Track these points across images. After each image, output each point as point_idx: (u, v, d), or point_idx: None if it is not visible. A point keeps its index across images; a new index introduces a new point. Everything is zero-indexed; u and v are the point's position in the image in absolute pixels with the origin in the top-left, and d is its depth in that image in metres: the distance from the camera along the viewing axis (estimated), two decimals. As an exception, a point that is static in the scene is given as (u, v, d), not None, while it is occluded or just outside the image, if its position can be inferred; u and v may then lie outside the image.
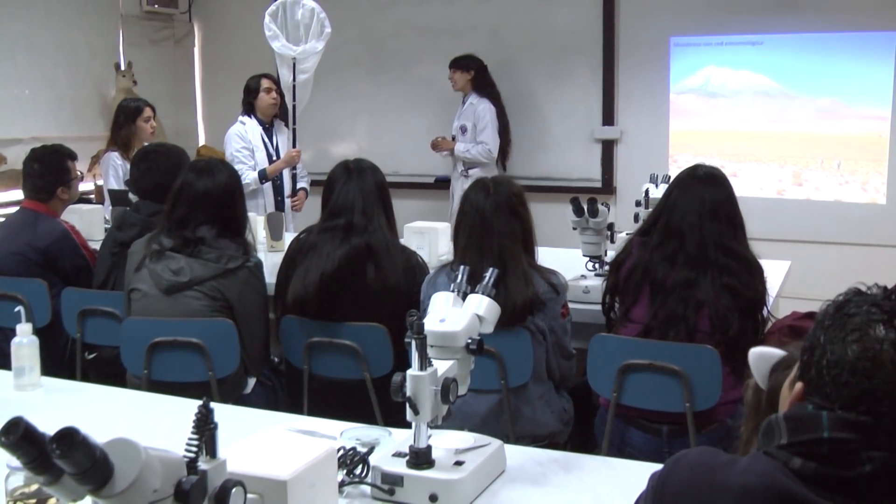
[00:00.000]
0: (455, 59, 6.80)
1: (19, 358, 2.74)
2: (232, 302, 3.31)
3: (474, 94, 6.78)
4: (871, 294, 1.33)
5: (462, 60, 6.78)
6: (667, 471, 1.45)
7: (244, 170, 5.73)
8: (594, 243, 3.78)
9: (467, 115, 6.79)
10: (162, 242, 3.33)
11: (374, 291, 3.30)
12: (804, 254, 5.67)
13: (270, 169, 5.92)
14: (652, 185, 4.11)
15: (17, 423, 1.23)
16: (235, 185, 3.47)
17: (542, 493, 2.05)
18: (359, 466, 2.06)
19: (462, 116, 6.82)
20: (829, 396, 1.29)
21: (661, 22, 6.86)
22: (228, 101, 8.24)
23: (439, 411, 2.01)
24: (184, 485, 1.33)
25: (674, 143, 6.96)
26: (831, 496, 1.26)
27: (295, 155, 5.99)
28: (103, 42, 7.35)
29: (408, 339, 2.00)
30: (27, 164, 4.21)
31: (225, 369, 3.28)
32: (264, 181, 5.91)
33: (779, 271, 4.07)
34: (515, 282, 2.99)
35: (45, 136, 5.57)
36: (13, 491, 1.80)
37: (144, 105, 5.92)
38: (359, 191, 3.38)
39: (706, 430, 2.99)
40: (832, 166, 6.59)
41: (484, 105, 6.73)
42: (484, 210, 3.06)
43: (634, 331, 3.06)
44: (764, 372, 1.66)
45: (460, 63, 6.77)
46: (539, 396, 3.13)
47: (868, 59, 6.33)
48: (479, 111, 6.72)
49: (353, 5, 7.71)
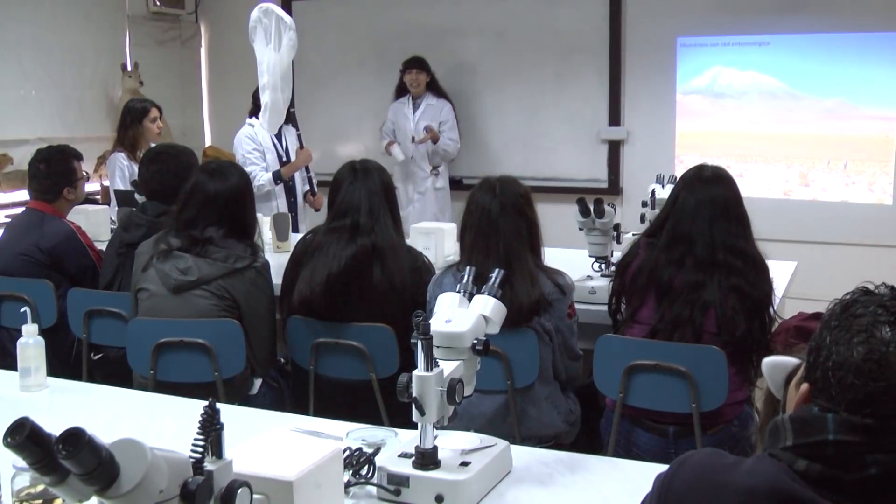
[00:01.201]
0: (418, 59, 6.85)
1: (25, 358, 2.75)
2: (239, 301, 3.32)
3: (430, 95, 6.92)
4: (878, 294, 1.33)
5: (423, 62, 6.86)
6: (672, 472, 1.45)
7: (257, 171, 5.74)
8: (600, 244, 3.77)
9: (428, 115, 6.90)
10: (170, 242, 3.33)
11: (381, 292, 3.30)
12: (810, 254, 5.65)
13: (286, 170, 5.93)
14: (658, 185, 4.10)
15: (23, 424, 1.24)
16: (246, 188, 3.48)
17: (548, 493, 2.05)
18: (365, 467, 2.06)
19: (423, 118, 6.90)
20: (835, 398, 1.28)
21: (667, 22, 6.85)
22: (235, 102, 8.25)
23: (445, 412, 2.01)
24: (190, 485, 1.33)
25: (680, 143, 6.95)
26: (836, 498, 1.26)
27: (308, 155, 6.02)
28: (109, 43, 7.36)
29: (414, 340, 2.00)
30: (33, 165, 4.22)
31: (231, 370, 3.29)
32: (279, 182, 5.92)
33: (785, 272, 4.06)
34: (521, 282, 2.99)
35: (51, 137, 5.58)
36: (19, 491, 1.80)
37: (151, 106, 5.93)
38: (365, 191, 3.38)
39: (712, 431, 2.98)
40: (839, 167, 6.57)
41: (447, 106, 6.96)
42: (490, 210, 3.06)
43: (641, 332, 3.06)
44: (779, 381, 1.65)
45: (424, 64, 6.85)
46: (545, 397, 3.12)
47: (875, 60, 6.31)
48: (446, 112, 6.94)
49: (360, 6, 7.71)
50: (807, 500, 1.27)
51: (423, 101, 6.92)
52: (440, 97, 6.95)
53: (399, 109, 7.00)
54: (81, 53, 7.09)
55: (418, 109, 6.92)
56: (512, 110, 7.32)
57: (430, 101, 6.92)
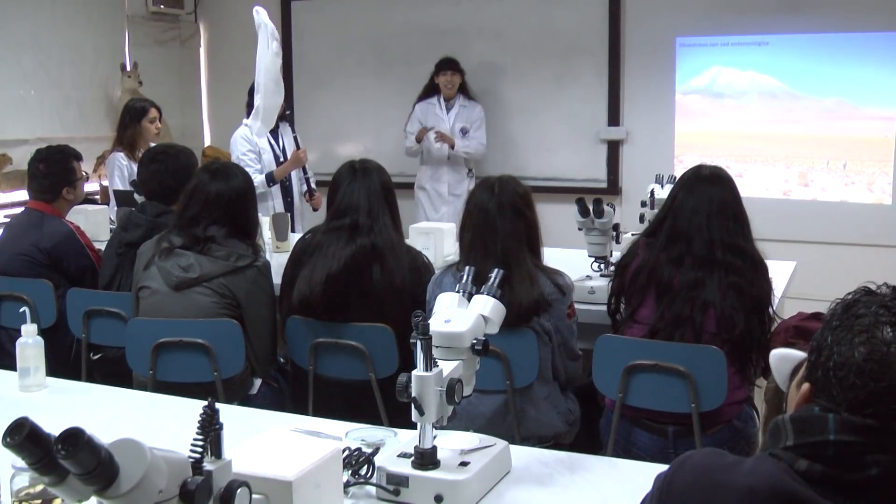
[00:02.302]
0: (451, 60, 6.80)
1: (24, 358, 2.74)
2: (240, 300, 3.32)
3: (462, 97, 6.89)
4: (880, 294, 1.33)
5: (457, 63, 6.82)
6: (672, 472, 1.45)
7: (251, 172, 5.71)
8: (600, 244, 3.77)
9: (462, 117, 6.87)
10: (172, 241, 3.34)
11: (380, 292, 3.30)
12: (810, 254, 5.65)
13: (278, 171, 5.87)
14: (657, 185, 4.11)
15: (23, 424, 1.23)
16: (248, 189, 3.49)
17: (547, 493, 2.05)
18: (364, 467, 2.06)
19: (458, 119, 6.87)
20: (836, 398, 1.28)
21: (666, 22, 6.85)
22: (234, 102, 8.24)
23: (444, 412, 2.01)
24: (189, 485, 1.33)
25: (679, 143, 6.95)
26: (837, 499, 1.26)
27: (301, 155, 5.96)
28: (109, 43, 7.36)
29: (413, 340, 1.99)
30: (32, 165, 4.22)
31: (231, 370, 3.28)
32: (272, 184, 5.88)
33: (784, 272, 4.06)
34: (520, 282, 2.99)
35: (50, 137, 5.58)
36: (18, 491, 1.80)
37: (150, 106, 5.93)
38: (364, 191, 3.38)
39: (712, 431, 2.98)
40: (838, 167, 6.58)
41: (479, 108, 6.95)
42: (488, 210, 3.06)
43: (640, 332, 3.06)
44: (785, 373, 1.65)
45: (458, 66, 6.81)
46: (544, 397, 3.12)
47: (874, 60, 6.32)
48: (477, 113, 6.92)
49: (359, 6, 7.72)
50: (807, 501, 1.26)
51: (456, 102, 6.86)
52: (471, 99, 6.92)
53: (429, 110, 6.91)
54: (81, 53, 7.09)
55: (452, 111, 6.87)
56: (511, 110, 7.32)
57: (462, 103, 6.87)
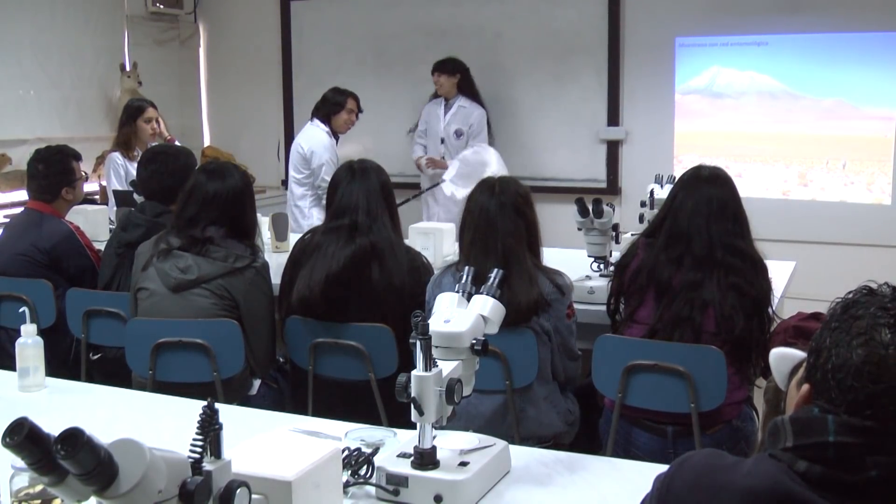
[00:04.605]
0: (439, 62, 6.78)
1: (24, 359, 2.74)
2: (238, 301, 3.32)
3: (462, 98, 6.83)
4: (880, 294, 1.32)
5: (447, 64, 6.77)
6: (672, 473, 1.45)
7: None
8: (599, 244, 3.77)
9: (458, 118, 6.83)
10: (170, 242, 3.34)
11: (379, 292, 3.30)
12: (809, 254, 5.65)
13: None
14: (657, 185, 4.10)
15: (22, 424, 1.23)
16: (245, 189, 3.48)
17: (546, 493, 2.05)
18: (363, 467, 2.06)
19: (454, 120, 6.83)
20: (835, 400, 1.28)
21: (666, 22, 6.85)
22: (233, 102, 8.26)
23: (444, 412, 2.01)
24: (188, 485, 1.33)
25: (679, 143, 6.95)
26: (836, 500, 1.26)
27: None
28: (108, 43, 7.36)
29: (412, 340, 1.99)
30: (32, 165, 4.22)
31: (230, 370, 3.28)
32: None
33: (784, 272, 4.06)
34: (520, 282, 2.99)
35: (49, 137, 5.58)
36: (18, 492, 1.80)
37: (148, 105, 5.91)
38: (363, 191, 3.38)
39: (711, 431, 2.98)
40: (837, 167, 6.58)
41: (478, 111, 6.81)
42: (488, 210, 3.06)
43: (640, 332, 3.06)
44: (784, 373, 1.65)
45: (446, 67, 6.76)
46: (544, 397, 3.12)
47: (873, 60, 6.32)
48: (475, 117, 6.79)
49: (359, 5, 7.71)
50: (807, 502, 1.26)
51: (454, 102, 6.83)
52: (473, 101, 6.84)
53: (432, 111, 6.93)
54: (80, 53, 7.09)
55: (450, 111, 6.85)
56: (511, 110, 7.31)
57: (461, 104, 6.82)
